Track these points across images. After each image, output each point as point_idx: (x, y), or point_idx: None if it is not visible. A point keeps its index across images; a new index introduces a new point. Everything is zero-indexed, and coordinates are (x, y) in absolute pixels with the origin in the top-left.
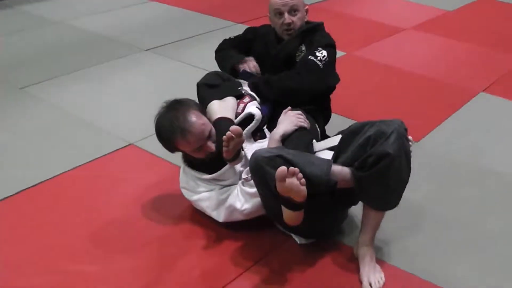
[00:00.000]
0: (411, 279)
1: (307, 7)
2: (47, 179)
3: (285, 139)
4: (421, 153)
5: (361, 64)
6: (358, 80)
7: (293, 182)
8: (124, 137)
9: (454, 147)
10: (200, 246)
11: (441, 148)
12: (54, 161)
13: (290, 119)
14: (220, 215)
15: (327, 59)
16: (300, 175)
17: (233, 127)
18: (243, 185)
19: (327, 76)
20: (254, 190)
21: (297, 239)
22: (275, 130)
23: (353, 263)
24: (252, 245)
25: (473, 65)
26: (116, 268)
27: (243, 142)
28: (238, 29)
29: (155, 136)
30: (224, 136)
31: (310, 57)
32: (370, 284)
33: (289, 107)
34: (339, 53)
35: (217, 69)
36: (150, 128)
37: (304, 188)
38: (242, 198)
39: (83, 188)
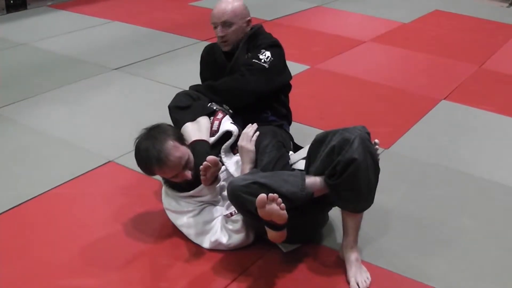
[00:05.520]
0: (394, 277)
1: (249, 18)
2: (31, 198)
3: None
4: (391, 158)
5: (326, 76)
6: (323, 92)
7: (273, 208)
8: (103, 154)
9: (422, 152)
10: (187, 257)
11: (411, 153)
12: (36, 180)
13: (246, 148)
14: (204, 243)
15: (272, 58)
16: (279, 200)
17: (209, 157)
18: (226, 222)
19: (276, 75)
20: (237, 226)
21: (283, 248)
22: (242, 166)
23: (339, 266)
24: (239, 254)
25: (433, 74)
26: (112, 281)
27: (220, 169)
28: (203, 46)
29: (134, 153)
30: (201, 166)
31: (253, 60)
32: (358, 284)
33: (249, 125)
34: (303, 67)
35: (185, 82)
36: (128, 145)
37: (284, 212)
38: (227, 234)
39: (68, 206)
